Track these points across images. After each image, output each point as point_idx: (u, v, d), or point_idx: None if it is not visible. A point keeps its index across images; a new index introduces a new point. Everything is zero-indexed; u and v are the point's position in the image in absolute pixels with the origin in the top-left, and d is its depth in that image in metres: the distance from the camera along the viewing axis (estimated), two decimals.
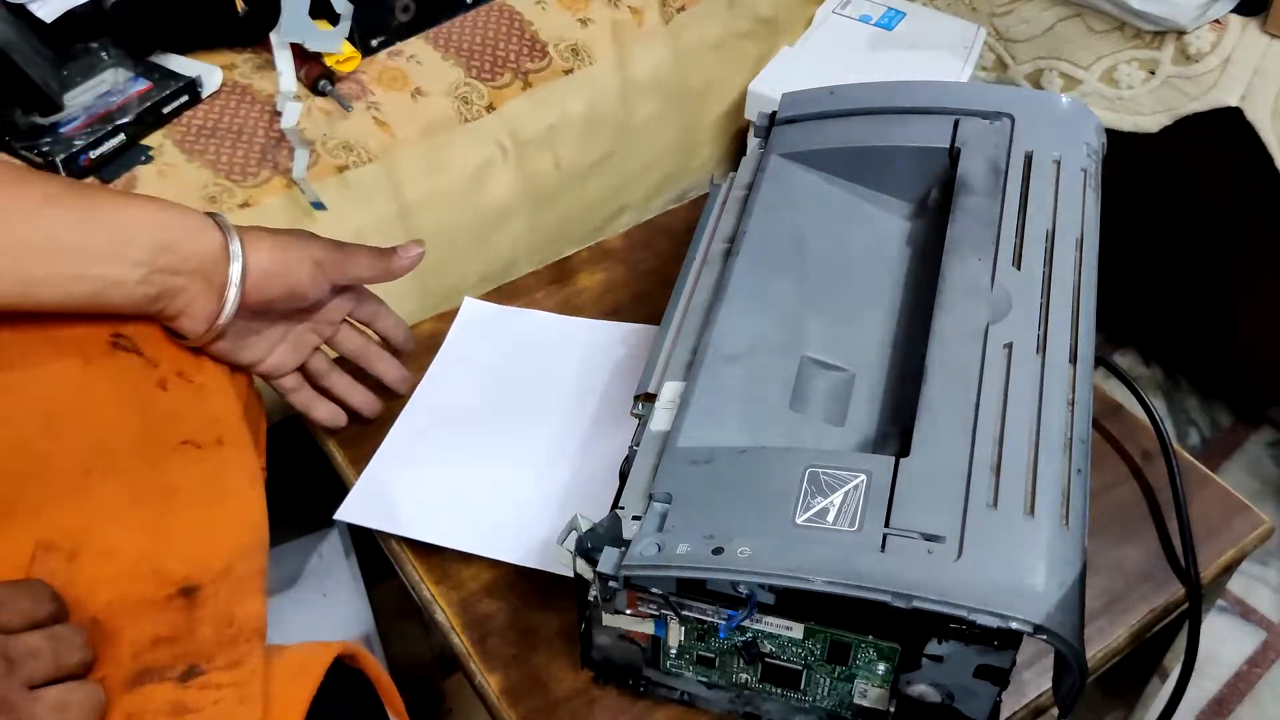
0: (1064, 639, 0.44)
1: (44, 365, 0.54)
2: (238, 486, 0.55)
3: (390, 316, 0.69)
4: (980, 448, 0.50)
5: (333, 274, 0.62)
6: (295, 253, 0.60)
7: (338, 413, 0.70)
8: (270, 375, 0.65)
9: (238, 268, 0.56)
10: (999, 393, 0.52)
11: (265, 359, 0.63)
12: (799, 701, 0.56)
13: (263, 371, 0.64)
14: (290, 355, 0.65)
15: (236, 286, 0.57)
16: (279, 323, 0.63)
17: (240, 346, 0.61)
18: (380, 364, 0.70)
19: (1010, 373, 0.53)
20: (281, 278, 0.59)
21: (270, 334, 0.63)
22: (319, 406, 0.69)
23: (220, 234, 0.56)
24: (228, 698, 0.45)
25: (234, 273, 0.56)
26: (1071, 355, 0.54)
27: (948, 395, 0.53)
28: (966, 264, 0.58)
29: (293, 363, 0.66)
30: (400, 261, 0.65)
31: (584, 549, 0.51)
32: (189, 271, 0.56)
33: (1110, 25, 1.05)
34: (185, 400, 0.57)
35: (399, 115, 0.91)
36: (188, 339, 0.58)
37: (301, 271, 0.60)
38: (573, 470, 0.67)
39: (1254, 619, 1.13)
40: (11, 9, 0.79)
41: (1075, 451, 0.51)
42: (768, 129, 0.71)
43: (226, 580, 0.50)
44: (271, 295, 0.59)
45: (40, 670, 0.43)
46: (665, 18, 1.05)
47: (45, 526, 0.50)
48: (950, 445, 0.51)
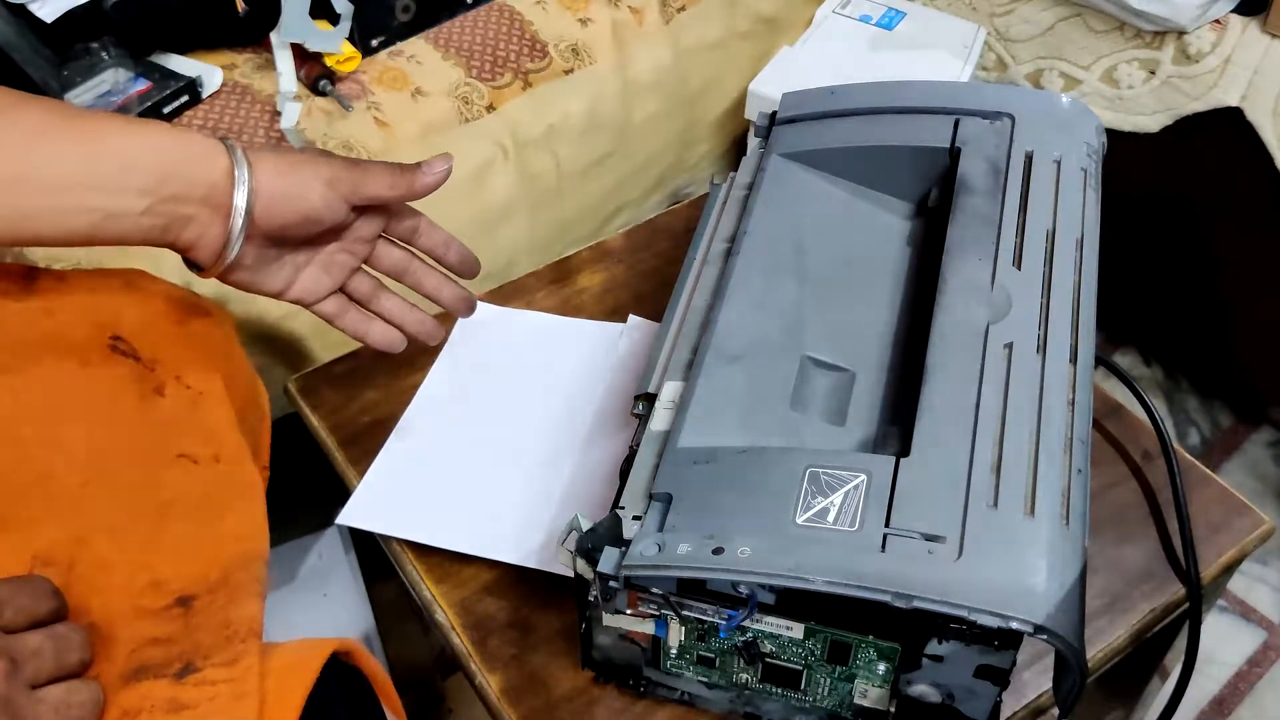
0: (1064, 639, 0.44)
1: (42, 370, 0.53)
2: (235, 503, 0.54)
3: (436, 232, 0.64)
4: (980, 448, 0.50)
5: (348, 193, 0.58)
6: (305, 174, 0.56)
7: (391, 334, 0.65)
8: (303, 301, 0.62)
9: (243, 194, 0.53)
10: (999, 393, 0.52)
11: (292, 285, 0.60)
12: (799, 701, 0.56)
13: (293, 298, 0.61)
14: (321, 279, 0.62)
15: (243, 214, 0.54)
16: (302, 247, 0.60)
17: (262, 275, 0.58)
18: (428, 280, 0.65)
19: (1010, 373, 0.53)
20: (292, 201, 0.56)
21: (293, 259, 0.60)
22: (370, 329, 0.64)
23: (227, 159, 0.53)
24: (224, 694, 0.46)
25: (239, 199, 0.53)
26: (1071, 355, 0.54)
27: (948, 395, 0.53)
28: (966, 264, 0.58)
29: (326, 286, 0.62)
30: (424, 179, 0.60)
31: (584, 549, 0.51)
32: (196, 200, 0.53)
33: (1110, 25, 1.05)
34: (183, 408, 0.56)
35: (399, 115, 0.91)
36: (203, 271, 0.56)
37: (313, 193, 0.56)
38: (573, 470, 0.67)
39: (1254, 619, 1.13)
40: (11, 9, 0.79)
41: (1075, 451, 0.51)
42: (768, 129, 0.71)
43: (223, 589, 0.50)
44: (283, 220, 0.56)
45: (43, 670, 0.43)
46: (665, 18, 1.05)
47: (42, 539, 0.49)
48: (950, 445, 0.51)
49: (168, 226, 0.53)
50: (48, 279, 0.57)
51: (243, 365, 0.63)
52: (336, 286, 0.63)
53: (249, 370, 0.64)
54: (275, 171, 0.55)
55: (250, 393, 0.62)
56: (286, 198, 0.55)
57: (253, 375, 0.64)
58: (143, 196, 0.51)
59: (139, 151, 0.51)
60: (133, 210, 0.51)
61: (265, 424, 0.63)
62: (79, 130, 0.51)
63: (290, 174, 0.56)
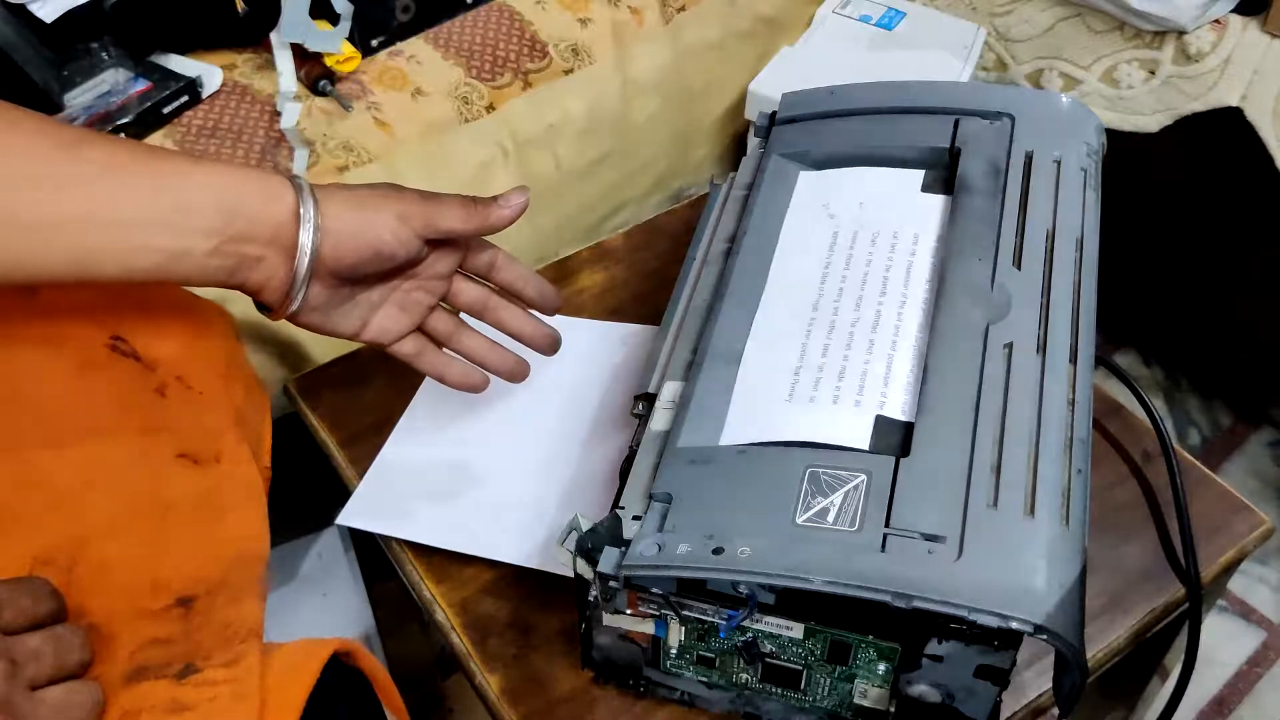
0: (1064, 639, 0.44)
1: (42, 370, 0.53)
2: (236, 503, 0.54)
3: (514, 266, 0.62)
4: (980, 448, 0.50)
5: (420, 228, 0.56)
6: (375, 209, 0.54)
7: (474, 374, 0.63)
8: (380, 342, 0.60)
9: (309, 232, 0.52)
10: (999, 393, 0.52)
11: (367, 325, 0.59)
12: (799, 701, 0.56)
13: (369, 339, 0.59)
14: (398, 319, 0.60)
15: (309, 253, 0.52)
16: (374, 286, 0.58)
17: (334, 316, 0.57)
18: (509, 316, 0.63)
19: (1010, 373, 0.53)
20: (361, 238, 0.54)
21: (366, 298, 0.58)
22: (450, 369, 0.63)
23: (293, 196, 0.52)
24: (224, 694, 0.46)
25: (305, 239, 0.52)
26: (1071, 355, 0.54)
27: (948, 395, 0.53)
28: (966, 264, 0.58)
29: (403, 326, 0.60)
30: (500, 212, 0.58)
31: (584, 549, 0.51)
32: (263, 240, 0.51)
33: (1110, 25, 1.05)
34: (184, 409, 0.56)
35: (399, 115, 0.90)
36: (272, 313, 0.55)
37: (382, 229, 0.54)
38: (573, 470, 0.67)
39: (1254, 619, 1.13)
40: (11, 9, 0.79)
41: (1075, 451, 0.51)
42: (768, 129, 0.71)
43: (224, 590, 0.50)
44: (353, 258, 0.54)
45: (43, 671, 0.43)
46: (665, 18, 1.05)
47: (43, 540, 0.49)
48: (950, 445, 0.51)
49: (235, 268, 0.52)
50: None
51: (243, 365, 0.63)
52: (414, 326, 0.61)
53: (249, 370, 0.64)
54: (344, 208, 0.53)
55: (251, 393, 0.62)
56: (356, 235, 0.54)
57: (253, 375, 0.64)
58: (209, 236, 0.50)
59: (206, 189, 0.50)
60: (199, 250, 0.50)
61: (266, 424, 0.63)
62: (146, 168, 0.49)
63: (359, 210, 0.54)
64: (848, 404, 0.54)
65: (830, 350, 0.57)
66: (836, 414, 0.54)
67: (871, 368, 0.55)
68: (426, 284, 0.60)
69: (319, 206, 0.52)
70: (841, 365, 0.56)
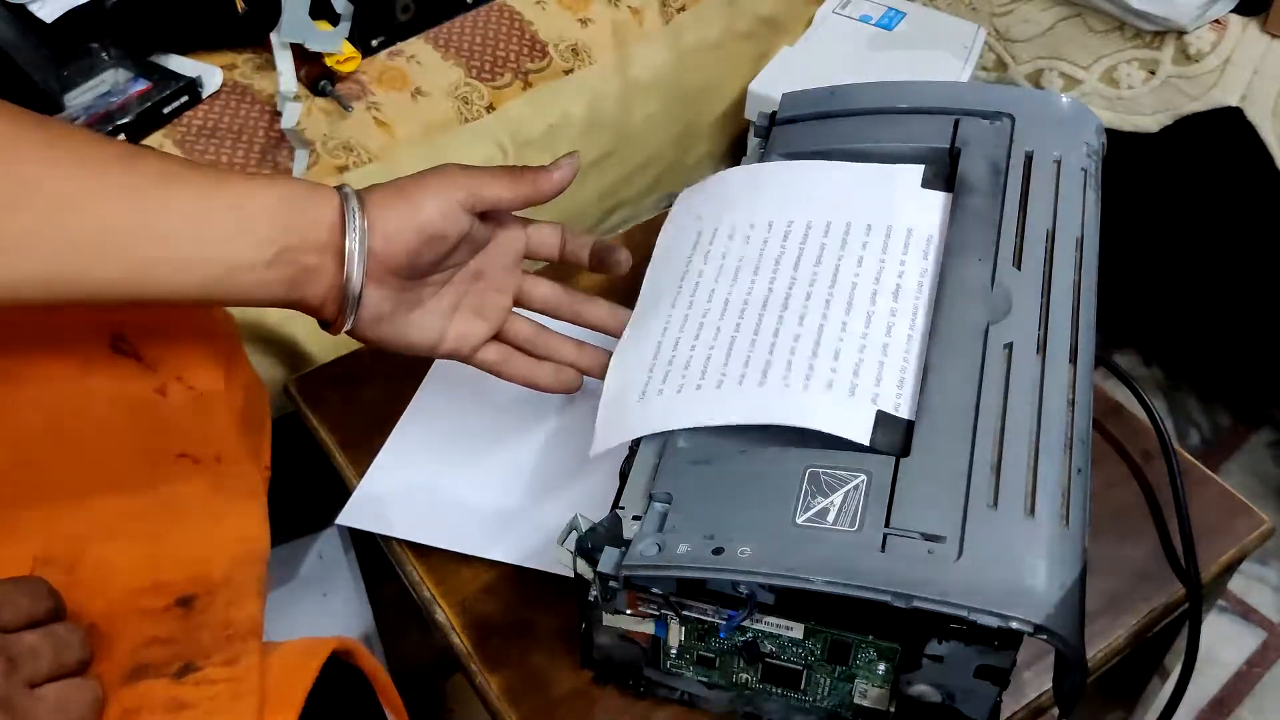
0: (1064, 639, 0.44)
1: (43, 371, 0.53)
2: (236, 503, 0.54)
3: (579, 237, 0.60)
4: (980, 448, 0.50)
5: (465, 200, 0.54)
6: (416, 193, 0.53)
7: (566, 374, 0.62)
8: (460, 352, 0.59)
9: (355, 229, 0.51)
10: (999, 393, 0.52)
11: (445, 334, 0.57)
12: (799, 701, 0.56)
13: (449, 349, 0.58)
14: (475, 324, 0.58)
15: (359, 250, 0.51)
16: (443, 289, 0.57)
17: (406, 324, 0.55)
18: (588, 310, 0.62)
19: (1010, 373, 0.53)
20: (408, 220, 0.52)
21: (437, 305, 0.57)
22: (539, 373, 0.61)
23: (336, 197, 0.51)
24: (223, 693, 0.46)
25: (352, 236, 0.51)
26: (1071, 355, 0.54)
27: (948, 395, 0.53)
28: (966, 264, 0.58)
29: (482, 331, 0.59)
30: (549, 181, 0.56)
31: (584, 549, 0.51)
32: (317, 247, 0.50)
33: (1110, 25, 1.05)
34: (185, 409, 0.56)
35: (399, 115, 0.91)
36: (333, 326, 0.54)
37: (429, 210, 0.53)
38: (573, 470, 0.67)
39: (1254, 619, 1.13)
40: (11, 9, 0.79)
41: (1075, 451, 0.51)
42: (768, 129, 0.71)
43: (224, 589, 0.50)
44: (404, 245, 0.52)
45: (41, 669, 0.43)
46: (665, 18, 1.05)
47: (44, 540, 0.49)
48: (950, 445, 0.51)
49: (294, 279, 0.51)
50: None
51: (244, 366, 0.63)
52: (493, 331, 0.60)
53: (250, 371, 0.64)
54: (386, 197, 0.52)
55: (251, 393, 0.62)
56: (402, 219, 0.52)
57: (254, 376, 0.64)
58: (267, 246, 0.49)
59: (258, 197, 0.49)
60: (258, 261, 0.49)
61: (266, 424, 0.63)
62: (198, 177, 0.49)
63: (402, 197, 0.53)
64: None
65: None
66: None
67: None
68: (495, 280, 0.59)
69: (362, 202, 0.52)
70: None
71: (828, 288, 0.59)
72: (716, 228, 0.65)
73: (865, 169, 0.66)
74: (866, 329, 0.56)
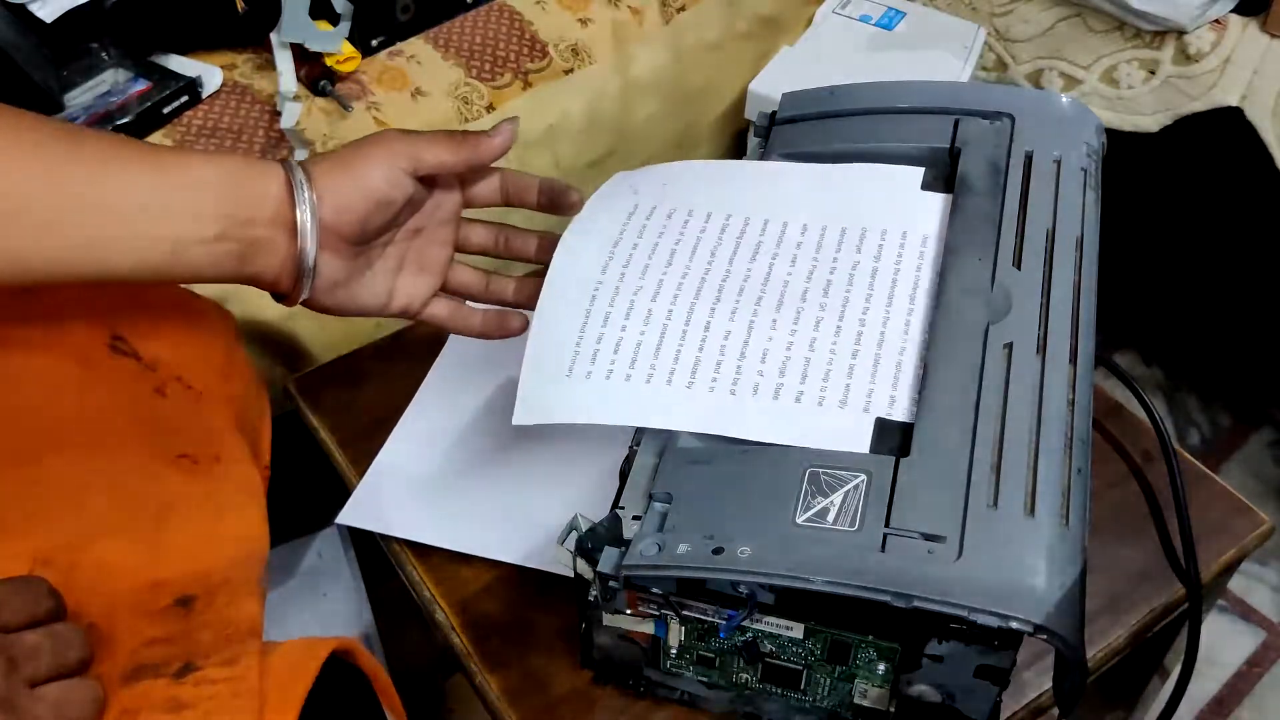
0: (1064, 639, 0.44)
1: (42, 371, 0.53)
2: (235, 503, 0.54)
3: (520, 178, 0.60)
4: (980, 448, 0.50)
5: (408, 166, 0.55)
6: (361, 157, 0.54)
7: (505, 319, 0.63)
8: (411, 309, 0.59)
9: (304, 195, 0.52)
10: (999, 393, 0.52)
11: (394, 295, 0.58)
12: (799, 701, 0.56)
13: (399, 308, 0.59)
14: (421, 281, 0.59)
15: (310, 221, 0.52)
16: (388, 249, 0.58)
17: (357, 290, 0.56)
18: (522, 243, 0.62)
19: (1010, 373, 0.53)
20: (355, 189, 0.53)
21: (384, 265, 0.58)
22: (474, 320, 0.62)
23: (283, 172, 0.52)
24: (223, 692, 0.46)
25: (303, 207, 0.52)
26: (1071, 355, 0.54)
27: (948, 395, 0.53)
28: (966, 264, 0.58)
29: (427, 288, 0.60)
30: (490, 146, 0.57)
31: (584, 549, 0.51)
32: (266, 220, 0.51)
33: (1110, 25, 1.05)
34: (183, 409, 0.56)
35: (399, 115, 0.90)
36: (289, 298, 0.55)
37: (375, 177, 0.54)
38: (573, 470, 0.67)
39: (1254, 619, 1.13)
40: (11, 9, 0.79)
41: (1075, 451, 0.51)
42: (768, 129, 0.71)
43: (223, 590, 0.50)
44: (353, 213, 0.54)
45: (41, 669, 0.43)
46: (665, 18, 1.05)
47: (42, 541, 0.49)
48: (950, 445, 0.51)
49: (243, 254, 0.52)
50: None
51: (243, 364, 0.63)
52: (439, 284, 0.61)
53: (250, 369, 0.64)
54: (331, 166, 0.53)
55: (251, 392, 0.62)
56: (349, 189, 0.53)
57: (254, 374, 0.64)
58: (215, 222, 0.50)
59: (204, 175, 0.50)
60: (205, 236, 0.50)
61: (266, 423, 0.63)
62: (145, 156, 0.50)
63: (346, 163, 0.54)
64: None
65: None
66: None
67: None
68: (435, 233, 0.60)
69: (309, 174, 0.52)
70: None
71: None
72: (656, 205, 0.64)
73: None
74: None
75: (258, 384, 0.64)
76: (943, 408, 0.52)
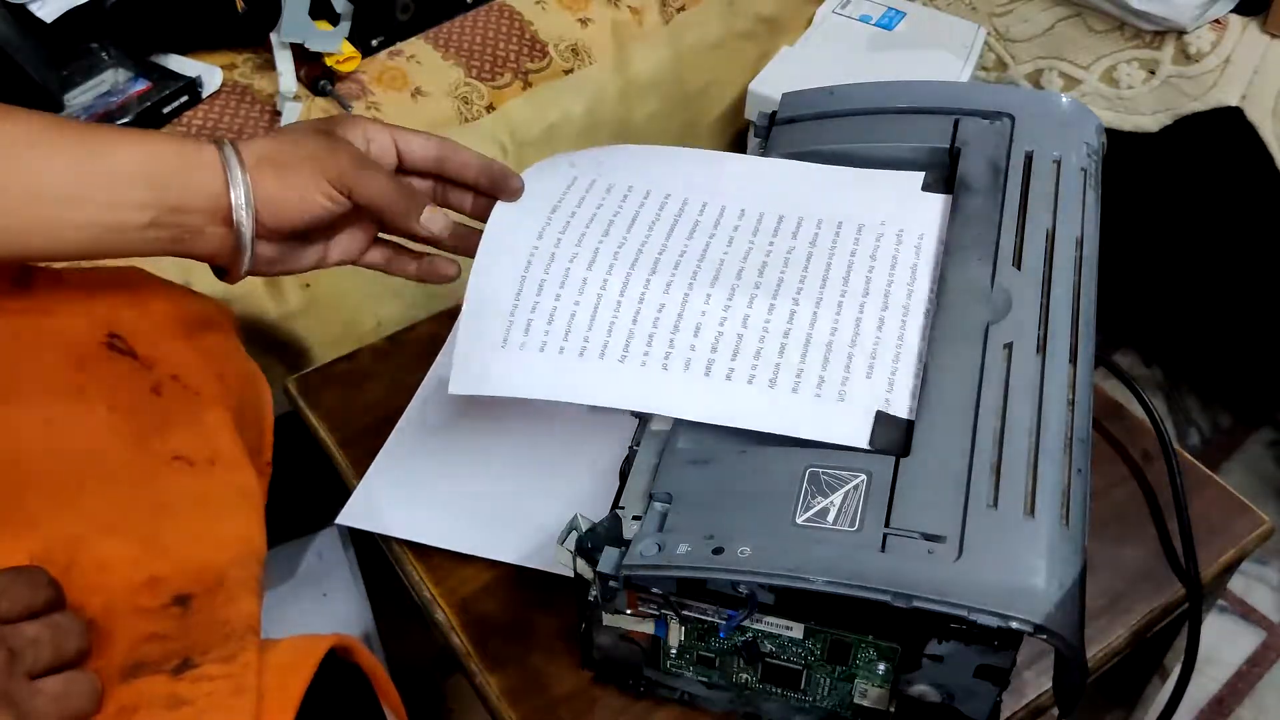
0: (1064, 639, 0.44)
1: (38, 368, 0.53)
2: (230, 506, 0.54)
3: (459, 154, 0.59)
4: (980, 448, 0.50)
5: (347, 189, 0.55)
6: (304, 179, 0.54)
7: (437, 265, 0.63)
8: (346, 261, 0.60)
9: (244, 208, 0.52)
10: (999, 393, 0.52)
11: (330, 252, 0.59)
12: (799, 701, 0.56)
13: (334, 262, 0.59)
14: (358, 236, 0.60)
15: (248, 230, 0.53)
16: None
17: (292, 260, 0.57)
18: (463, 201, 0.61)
19: (1010, 373, 0.53)
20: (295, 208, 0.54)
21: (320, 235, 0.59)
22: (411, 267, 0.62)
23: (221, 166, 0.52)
24: (221, 689, 0.45)
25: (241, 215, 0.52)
26: (1071, 355, 0.54)
27: (948, 395, 0.53)
28: (967, 264, 0.58)
29: (363, 241, 0.60)
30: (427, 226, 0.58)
31: (584, 549, 0.51)
32: (200, 211, 0.52)
33: (1110, 25, 1.05)
34: (179, 409, 0.56)
35: (399, 115, 0.90)
36: (231, 280, 0.56)
37: (315, 199, 0.55)
38: (573, 470, 0.67)
39: (1254, 619, 1.13)
40: (11, 9, 0.79)
41: (1075, 451, 0.51)
42: (768, 129, 0.71)
43: (221, 589, 0.50)
44: (291, 225, 0.55)
45: (41, 660, 0.43)
46: (665, 18, 1.05)
47: (39, 538, 0.49)
48: (950, 445, 0.51)
49: (177, 239, 0.52)
50: (44, 278, 0.57)
51: (243, 361, 0.63)
52: (374, 234, 0.61)
53: (250, 366, 0.64)
54: (274, 179, 0.54)
55: (251, 389, 0.62)
56: (288, 205, 0.54)
57: (254, 371, 0.64)
58: (144, 210, 0.51)
59: (134, 161, 0.50)
60: (134, 223, 0.51)
61: (267, 419, 0.63)
62: (71, 141, 0.49)
63: (289, 180, 0.54)
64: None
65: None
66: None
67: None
68: None
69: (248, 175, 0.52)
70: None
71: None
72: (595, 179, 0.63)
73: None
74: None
75: (259, 378, 0.64)
76: (943, 407, 0.52)
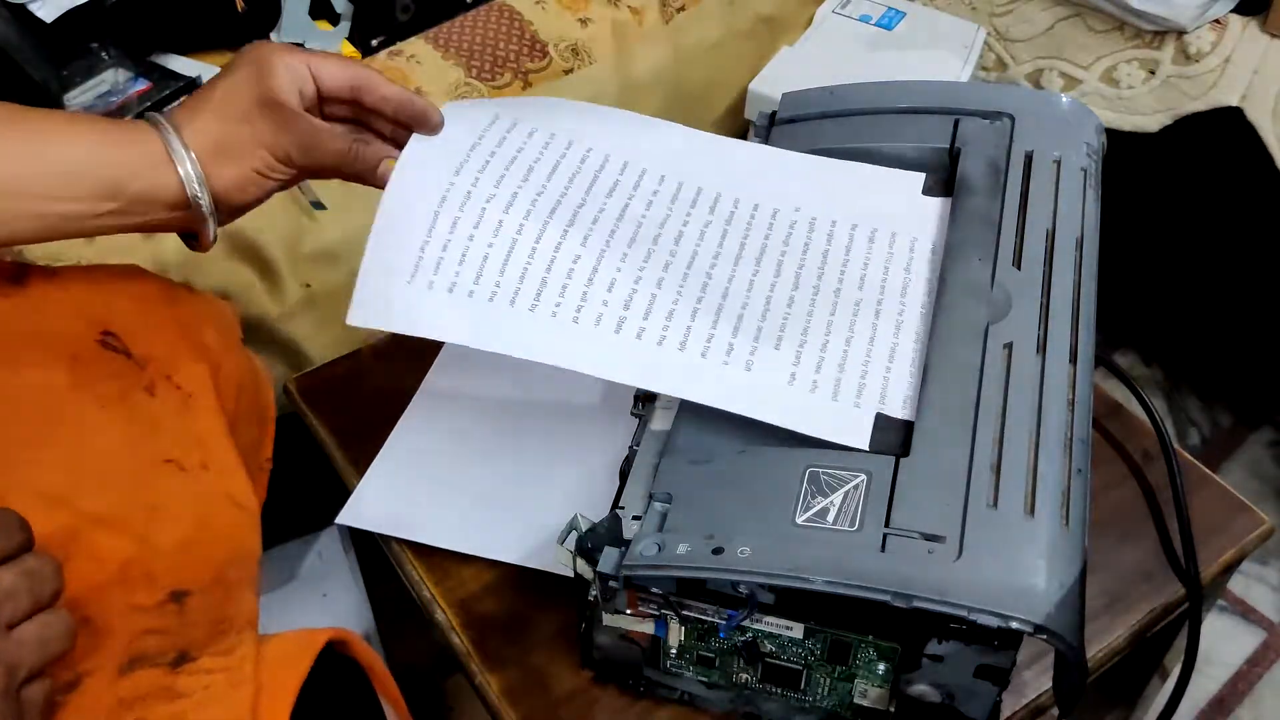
0: (1064, 639, 0.44)
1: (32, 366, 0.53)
2: (221, 511, 0.54)
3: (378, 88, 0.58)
4: (980, 448, 0.50)
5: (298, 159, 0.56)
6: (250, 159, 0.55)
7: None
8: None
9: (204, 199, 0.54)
10: (999, 393, 0.52)
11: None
12: (799, 701, 0.56)
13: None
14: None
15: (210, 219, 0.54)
16: None
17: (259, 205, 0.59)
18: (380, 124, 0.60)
19: (1010, 373, 0.53)
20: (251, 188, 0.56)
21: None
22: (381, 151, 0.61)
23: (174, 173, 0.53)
24: (219, 682, 0.45)
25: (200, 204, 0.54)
26: (1071, 355, 0.54)
27: (948, 395, 0.53)
28: (967, 264, 0.58)
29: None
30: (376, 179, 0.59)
31: (584, 549, 0.51)
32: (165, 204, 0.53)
33: (1110, 25, 1.05)
34: (172, 411, 0.55)
35: None
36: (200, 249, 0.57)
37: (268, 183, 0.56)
38: (573, 470, 0.67)
39: (1254, 619, 1.13)
40: (11, 9, 0.79)
41: (1075, 451, 0.51)
42: (768, 129, 0.71)
43: (217, 587, 0.50)
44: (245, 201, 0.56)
45: (19, 610, 0.42)
46: (665, 18, 1.05)
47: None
48: (950, 445, 0.51)
49: (140, 225, 0.54)
50: (39, 276, 0.57)
51: (243, 359, 0.63)
52: None
53: (250, 363, 0.63)
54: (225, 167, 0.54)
55: (250, 388, 0.62)
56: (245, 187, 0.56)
57: (255, 368, 0.64)
58: (102, 201, 0.51)
59: (83, 159, 0.51)
60: (94, 212, 0.52)
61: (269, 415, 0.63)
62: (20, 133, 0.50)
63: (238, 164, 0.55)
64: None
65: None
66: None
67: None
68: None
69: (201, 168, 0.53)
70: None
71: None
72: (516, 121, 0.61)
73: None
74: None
75: (259, 374, 0.64)
76: (943, 407, 0.52)
